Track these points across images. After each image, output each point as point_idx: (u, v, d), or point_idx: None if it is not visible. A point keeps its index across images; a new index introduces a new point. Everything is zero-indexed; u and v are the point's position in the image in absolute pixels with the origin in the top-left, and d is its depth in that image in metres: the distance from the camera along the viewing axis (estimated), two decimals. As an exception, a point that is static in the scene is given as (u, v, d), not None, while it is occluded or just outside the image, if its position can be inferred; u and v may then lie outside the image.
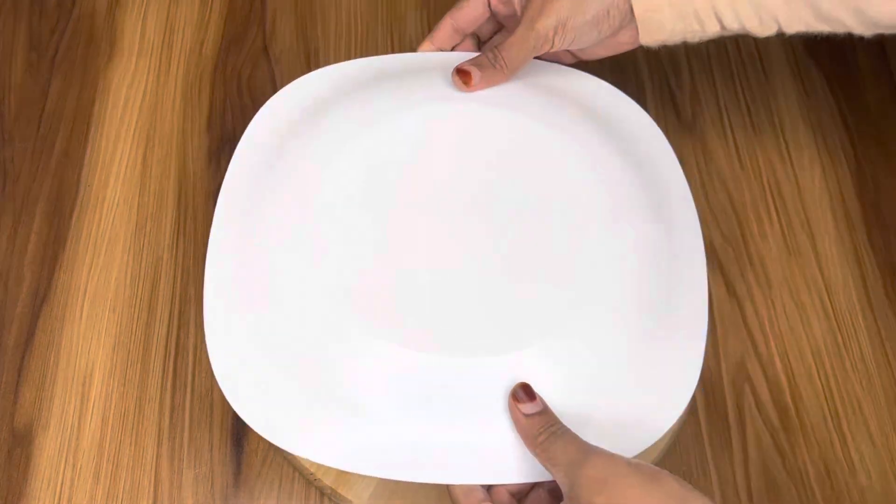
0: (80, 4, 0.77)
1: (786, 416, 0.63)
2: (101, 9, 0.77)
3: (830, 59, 0.79)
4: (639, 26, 0.58)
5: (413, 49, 0.77)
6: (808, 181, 0.72)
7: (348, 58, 0.76)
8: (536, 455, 0.47)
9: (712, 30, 0.58)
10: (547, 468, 0.47)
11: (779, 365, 0.65)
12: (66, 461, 0.58)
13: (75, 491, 0.58)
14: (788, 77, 0.77)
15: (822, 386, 0.64)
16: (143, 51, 0.75)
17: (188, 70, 0.74)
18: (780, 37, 0.58)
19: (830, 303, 0.67)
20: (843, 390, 0.64)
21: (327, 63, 0.75)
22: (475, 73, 0.58)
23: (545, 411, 0.48)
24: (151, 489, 0.58)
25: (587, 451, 0.45)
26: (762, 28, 0.57)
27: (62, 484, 0.58)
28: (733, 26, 0.57)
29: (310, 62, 0.75)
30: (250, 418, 0.50)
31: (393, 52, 0.76)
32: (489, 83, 0.58)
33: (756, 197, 0.71)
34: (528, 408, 0.48)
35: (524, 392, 0.48)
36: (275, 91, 0.73)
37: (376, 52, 0.76)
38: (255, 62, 0.75)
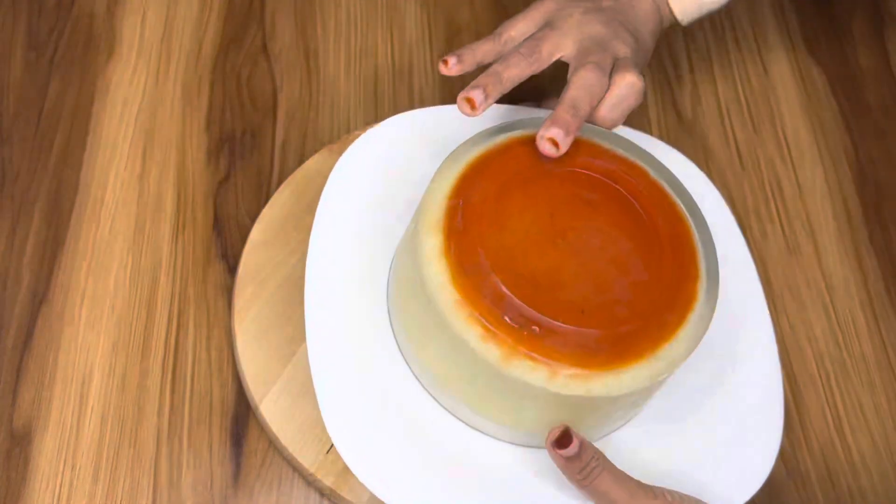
0: (78, 4, 0.76)
1: (786, 416, 0.63)
2: (100, 8, 0.76)
3: (831, 58, 0.79)
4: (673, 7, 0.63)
5: (413, 49, 0.77)
6: (808, 181, 0.72)
7: (348, 57, 0.76)
8: (587, 493, 0.49)
9: None
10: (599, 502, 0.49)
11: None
12: (65, 461, 0.58)
13: (74, 491, 0.57)
14: (789, 77, 0.77)
15: (823, 386, 0.64)
16: (143, 50, 0.75)
17: (187, 70, 0.74)
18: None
19: (831, 303, 0.67)
20: (843, 390, 0.64)
21: (327, 63, 0.75)
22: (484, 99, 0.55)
23: (584, 449, 0.49)
24: (150, 489, 0.58)
25: (634, 491, 0.48)
26: None
27: (61, 484, 0.58)
28: None
29: (309, 62, 0.75)
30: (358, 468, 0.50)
31: (393, 51, 0.76)
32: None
33: (756, 197, 0.71)
34: (567, 451, 0.48)
35: (563, 436, 0.49)
36: (274, 90, 0.73)
37: (376, 52, 0.76)
38: (254, 62, 0.75)
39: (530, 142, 0.53)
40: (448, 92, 0.75)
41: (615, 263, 0.49)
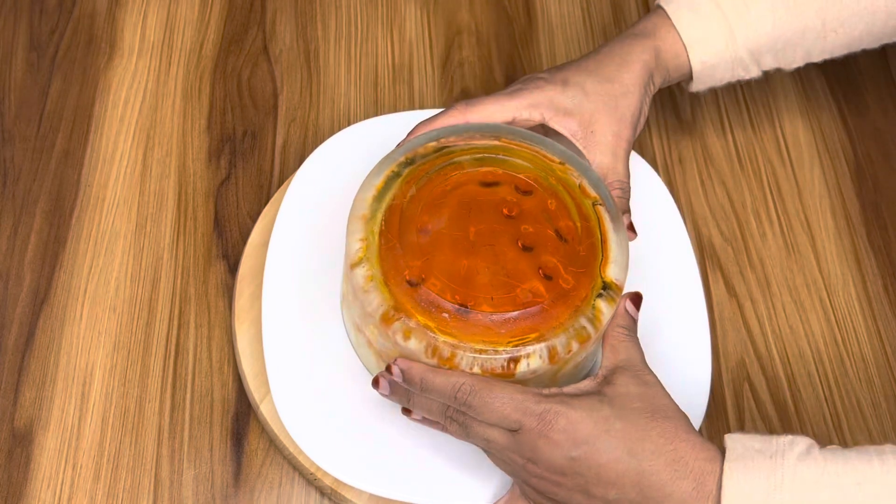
0: (80, 4, 0.77)
1: (785, 416, 0.63)
2: (101, 9, 0.77)
3: (830, 59, 0.79)
4: (695, 79, 0.64)
5: (413, 49, 0.77)
6: (807, 181, 0.73)
7: (348, 58, 0.76)
8: (608, 335, 0.54)
9: (755, 74, 0.65)
10: (605, 352, 0.53)
11: (779, 365, 0.65)
12: (66, 461, 0.58)
13: (75, 491, 0.58)
14: (788, 77, 0.77)
15: (822, 386, 0.64)
16: (143, 51, 0.75)
17: (188, 70, 0.74)
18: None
19: (830, 303, 0.67)
20: (842, 390, 0.64)
21: (327, 64, 0.75)
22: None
23: (635, 322, 0.55)
24: (151, 489, 0.58)
25: (642, 371, 0.52)
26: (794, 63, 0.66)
27: (62, 484, 0.58)
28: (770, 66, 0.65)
29: (310, 62, 0.75)
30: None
31: (393, 51, 0.76)
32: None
33: (756, 197, 0.72)
34: (633, 310, 0.55)
35: (637, 299, 0.56)
36: (275, 90, 0.74)
37: (376, 53, 0.76)
38: (255, 62, 0.75)
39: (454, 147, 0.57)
40: (448, 93, 0.75)
41: (526, 259, 0.54)
